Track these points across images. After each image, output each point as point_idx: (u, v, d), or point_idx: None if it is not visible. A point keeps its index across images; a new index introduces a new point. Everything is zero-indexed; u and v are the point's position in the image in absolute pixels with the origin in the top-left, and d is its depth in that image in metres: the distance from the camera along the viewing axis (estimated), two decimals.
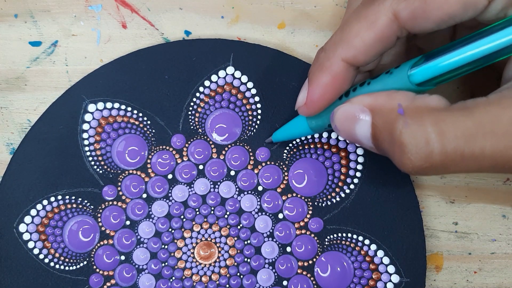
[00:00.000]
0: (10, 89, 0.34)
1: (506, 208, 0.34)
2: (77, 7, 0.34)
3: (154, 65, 0.33)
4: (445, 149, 0.23)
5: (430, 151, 0.23)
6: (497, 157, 0.22)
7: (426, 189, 0.34)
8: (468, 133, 0.22)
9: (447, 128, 0.23)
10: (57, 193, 0.32)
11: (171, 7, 0.34)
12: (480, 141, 0.22)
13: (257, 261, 0.33)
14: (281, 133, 0.32)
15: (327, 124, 0.29)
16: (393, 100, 0.24)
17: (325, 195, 0.33)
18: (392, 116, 0.24)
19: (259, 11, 0.34)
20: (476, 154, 0.23)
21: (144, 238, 0.33)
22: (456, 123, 0.23)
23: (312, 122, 0.30)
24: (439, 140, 0.23)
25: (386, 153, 0.25)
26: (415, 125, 0.23)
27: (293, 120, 0.31)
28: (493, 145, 0.22)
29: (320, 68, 0.27)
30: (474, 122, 0.22)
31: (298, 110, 0.29)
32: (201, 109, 0.33)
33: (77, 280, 0.32)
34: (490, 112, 0.23)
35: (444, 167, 0.23)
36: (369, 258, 0.32)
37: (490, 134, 0.22)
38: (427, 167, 0.23)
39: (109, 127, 0.33)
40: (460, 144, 0.22)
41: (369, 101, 0.25)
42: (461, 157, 0.23)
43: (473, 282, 0.34)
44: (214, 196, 0.33)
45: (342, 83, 0.27)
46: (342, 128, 0.26)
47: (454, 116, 0.23)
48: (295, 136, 0.32)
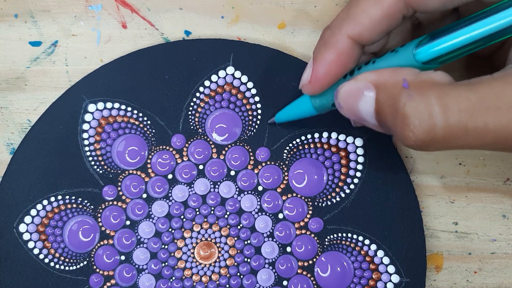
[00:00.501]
0: (10, 89, 0.34)
1: (506, 208, 0.34)
2: (77, 7, 0.34)
3: (154, 65, 0.33)
4: (448, 123, 0.23)
5: (433, 124, 0.23)
6: (500, 132, 0.22)
7: (426, 189, 0.34)
8: (471, 107, 0.22)
9: (451, 102, 0.22)
10: (57, 193, 0.32)
11: (171, 7, 0.34)
12: (483, 115, 0.22)
13: (257, 261, 0.33)
14: (284, 114, 0.32)
15: (331, 104, 0.29)
16: (398, 75, 0.24)
17: (325, 195, 0.33)
18: (396, 90, 0.24)
19: (259, 11, 0.34)
20: (479, 128, 0.22)
21: (144, 238, 0.33)
22: (460, 97, 0.22)
23: (316, 101, 0.29)
24: (442, 113, 0.23)
25: (388, 129, 0.25)
26: (419, 98, 0.23)
27: (297, 100, 0.31)
28: (496, 120, 0.22)
29: (325, 45, 0.27)
30: (478, 97, 0.22)
31: (302, 88, 0.28)
32: (201, 109, 0.33)
33: (77, 280, 0.32)
34: (495, 88, 0.22)
35: (447, 141, 0.23)
36: (369, 258, 0.32)
37: (493, 109, 0.22)
38: (429, 140, 0.23)
39: (109, 127, 0.33)
40: (464, 118, 0.22)
41: (373, 77, 0.25)
42: (464, 131, 0.23)
43: (473, 282, 0.34)
44: (214, 196, 0.33)
45: (347, 60, 0.27)
46: (345, 105, 0.26)
47: (458, 91, 0.23)
48: (298, 116, 0.31)
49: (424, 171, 0.34)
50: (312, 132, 0.33)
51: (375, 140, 0.33)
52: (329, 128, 0.33)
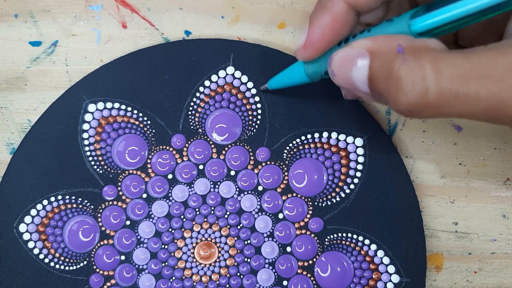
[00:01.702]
0: (10, 89, 0.34)
1: (506, 208, 0.34)
2: (77, 7, 0.34)
3: (154, 65, 0.33)
4: (440, 88, 0.23)
5: (425, 89, 0.23)
6: (490, 101, 0.22)
7: (426, 189, 0.34)
8: (464, 74, 0.22)
9: (444, 67, 0.23)
10: (57, 193, 0.32)
11: (171, 7, 0.34)
12: (475, 83, 0.22)
13: (257, 261, 0.33)
14: (277, 80, 0.32)
15: (323, 71, 0.29)
16: (393, 41, 0.24)
17: (325, 195, 0.33)
18: (390, 56, 0.24)
19: (259, 11, 0.34)
20: (470, 96, 0.23)
21: (144, 238, 0.33)
22: (453, 64, 0.23)
23: (309, 68, 0.29)
24: (435, 78, 0.23)
25: (380, 96, 0.25)
26: (414, 62, 0.23)
27: (290, 67, 0.31)
28: (487, 88, 0.22)
29: (321, 9, 0.27)
30: (470, 65, 0.23)
31: (296, 53, 0.28)
32: (201, 109, 0.33)
33: (77, 280, 0.32)
34: (488, 56, 0.23)
35: (438, 107, 0.23)
36: (369, 258, 0.32)
37: (485, 77, 0.22)
38: (421, 105, 0.23)
39: (109, 127, 0.33)
40: (456, 84, 0.22)
41: (368, 43, 0.25)
42: (455, 97, 0.23)
43: (473, 282, 0.34)
44: (214, 196, 0.33)
45: (342, 26, 0.27)
46: (339, 73, 0.26)
47: (452, 57, 0.23)
48: (291, 83, 0.31)
49: (424, 171, 0.34)
50: (312, 132, 0.33)
51: (375, 140, 0.33)
52: (329, 128, 0.33)
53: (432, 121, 0.34)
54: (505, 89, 0.22)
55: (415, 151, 0.34)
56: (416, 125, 0.34)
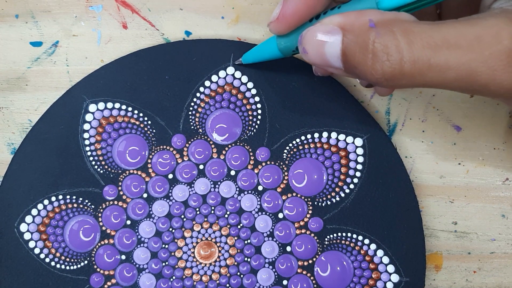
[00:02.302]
0: (11, 89, 0.34)
1: (506, 208, 0.34)
2: (77, 7, 0.34)
3: (154, 65, 0.33)
4: (413, 57, 0.23)
5: (400, 58, 0.23)
6: (460, 70, 0.23)
7: (425, 189, 0.34)
8: (434, 44, 0.23)
9: (414, 37, 0.23)
10: (58, 193, 0.33)
11: (171, 8, 0.34)
12: (445, 53, 0.23)
13: (257, 261, 0.33)
14: (251, 54, 0.32)
15: (295, 47, 0.29)
16: (364, 16, 0.25)
17: (325, 195, 0.33)
18: (363, 30, 0.24)
19: (259, 12, 0.34)
20: (441, 65, 0.23)
21: (145, 238, 0.33)
22: (424, 34, 0.23)
23: (281, 43, 0.29)
24: (408, 48, 0.23)
25: (355, 69, 0.25)
26: (387, 35, 0.24)
27: (264, 42, 0.31)
28: (457, 57, 0.23)
29: None
30: (440, 35, 0.23)
31: (269, 26, 0.29)
32: (202, 109, 0.33)
33: (77, 279, 0.32)
34: (457, 28, 0.23)
35: (412, 76, 0.24)
36: (368, 257, 0.33)
37: (455, 47, 0.23)
38: (397, 73, 0.24)
39: (110, 127, 0.33)
40: (427, 54, 0.23)
41: (339, 19, 0.25)
42: (428, 67, 0.23)
43: (473, 281, 0.34)
44: (215, 196, 0.33)
45: (316, 1, 0.27)
46: (311, 49, 0.26)
47: (422, 28, 0.24)
48: (264, 57, 0.31)
49: (424, 171, 0.34)
50: (312, 132, 0.33)
51: (375, 140, 0.33)
52: (329, 128, 0.33)
53: (431, 121, 0.34)
54: (473, 58, 0.23)
55: (414, 151, 0.34)
56: (415, 125, 0.34)
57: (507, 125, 0.34)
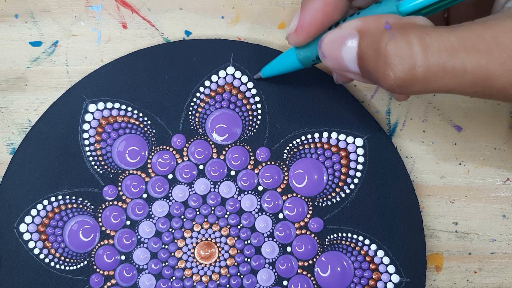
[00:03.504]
0: (11, 89, 0.34)
1: (506, 208, 0.34)
2: (77, 7, 0.34)
3: (154, 65, 0.33)
4: (427, 62, 0.23)
5: (413, 63, 0.23)
6: (477, 73, 0.23)
7: (426, 189, 0.34)
8: (451, 47, 0.23)
9: (430, 41, 0.23)
10: (57, 193, 0.32)
11: (171, 7, 0.34)
12: (462, 56, 0.23)
13: (257, 261, 0.33)
14: (270, 68, 0.32)
15: (315, 56, 0.29)
16: (381, 20, 0.24)
17: (325, 195, 0.33)
18: (378, 33, 0.24)
19: (259, 11, 0.34)
20: (457, 69, 0.23)
21: (145, 238, 0.33)
22: (440, 38, 0.23)
23: (301, 53, 0.29)
24: (422, 52, 0.23)
25: (370, 74, 0.25)
26: (401, 38, 0.23)
27: (282, 54, 0.31)
28: (474, 60, 0.23)
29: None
30: (457, 38, 0.23)
31: (288, 38, 0.29)
32: (201, 109, 0.33)
33: (77, 280, 0.32)
34: (474, 30, 0.23)
35: (426, 81, 0.23)
36: (369, 258, 0.32)
37: (472, 50, 0.23)
38: (409, 79, 0.23)
39: (110, 127, 0.33)
40: (443, 57, 0.23)
41: (357, 23, 0.25)
42: (443, 71, 0.23)
43: (473, 282, 0.34)
44: (215, 196, 0.33)
45: (334, 10, 0.27)
46: (329, 54, 0.26)
47: (438, 32, 0.23)
48: (283, 70, 0.31)
49: (424, 171, 0.34)
50: (312, 132, 0.33)
51: (375, 140, 0.33)
52: (329, 128, 0.33)
53: (432, 121, 0.34)
54: (491, 61, 0.22)
55: (415, 151, 0.34)
56: (416, 125, 0.34)
57: (508, 125, 0.34)
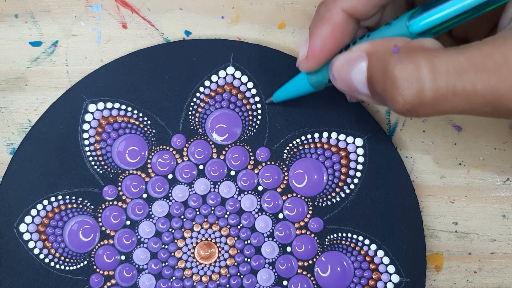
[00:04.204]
0: (11, 89, 0.34)
1: (506, 208, 0.34)
2: (77, 7, 0.34)
3: (154, 65, 0.33)
4: (436, 85, 0.22)
5: (421, 86, 0.23)
6: (488, 94, 0.22)
7: (426, 189, 0.34)
8: (460, 68, 0.22)
9: (439, 63, 0.23)
10: (57, 193, 0.32)
11: (171, 7, 0.34)
12: (472, 76, 0.22)
13: (257, 261, 0.33)
14: (282, 92, 0.32)
15: (327, 79, 0.29)
16: (390, 43, 0.24)
17: (325, 195, 0.33)
18: (387, 55, 0.24)
19: (259, 11, 0.34)
20: (467, 90, 0.22)
21: (145, 238, 0.33)
22: (448, 59, 0.23)
23: (313, 78, 0.29)
24: (431, 75, 0.23)
25: (379, 97, 0.25)
26: (408, 61, 0.23)
27: (294, 78, 0.31)
28: (484, 81, 0.22)
29: (321, 20, 0.27)
30: (466, 59, 0.22)
31: (299, 65, 0.28)
32: (201, 109, 0.33)
33: (77, 280, 0.32)
34: (483, 50, 0.23)
35: (435, 104, 0.23)
36: (369, 258, 0.32)
37: (481, 70, 0.22)
38: (418, 103, 0.23)
39: (110, 127, 0.33)
40: (452, 79, 0.22)
41: (366, 46, 0.25)
42: (452, 93, 0.22)
43: (473, 282, 0.34)
44: (214, 196, 0.33)
45: (343, 35, 0.27)
46: (339, 76, 0.26)
47: (447, 54, 0.23)
48: (296, 94, 0.31)
49: (424, 171, 0.34)
50: (312, 132, 0.33)
51: (375, 140, 0.33)
52: (329, 128, 0.33)
53: (432, 121, 0.34)
54: (502, 81, 0.22)
55: (415, 151, 0.34)
56: (416, 125, 0.34)
57: (508, 125, 0.34)
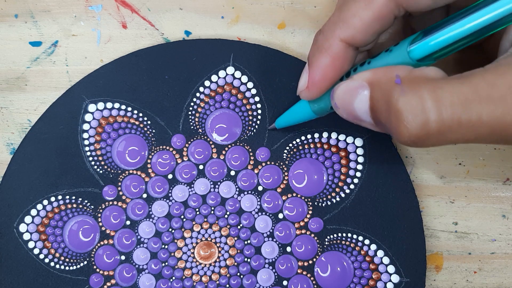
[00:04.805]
0: (11, 89, 0.34)
1: (506, 208, 0.34)
2: (77, 7, 0.34)
3: (154, 65, 0.33)
4: (441, 116, 0.22)
5: (426, 119, 0.22)
6: (494, 124, 0.22)
7: (426, 189, 0.34)
8: (464, 99, 0.22)
9: (443, 94, 0.22)
10: (57, 193, 0.32)
11: (171, 7, 0.34)
12: (477, 107, 0.22)
13: (257, 261, 0.33)
14: (284, 119, 0.32)
15: (329, 107, 0.29)
16: (391, 72, 0.24)
17: (325, 195, 0.33)
18: (389, 86, 0.24)
19: (259, 11, 0.34)
20: (473, 121, 0.22)
21: (144, 238, 0.33)
22: (453, 90, 0.22)
23: (315, 106, 0.29)
24: (435, 106, 0.22)
25: (383, 126, 0.25)
26: (412, 93, 0.23)
27: (296, 105, 0.31)
28: (490, 111, 0.22)
29: (319, 49, 0.27)
30: (470, 88, 0.22)
31: (300, 94, 0.29)
32: (201, 109, 0.33)
33: (77, 280, 0.32)
34: (487, 79, 0.22)
35: (441, 135, 0.23)
36: (369, 258, 0.32)
37: (486, 100, 0.22)
38: (423, 135, 0.23)
39: (109, 127, 0.33)
40: (457, 110, 0.22)
41: (368, 75, 0.25)
42: (458, 124, 0.22)
43: (473, 282, 0.34)
44: (214, 196, 0.33)
45: (342, 63, 0.27)
46: (341, 105, 0.26)
47: (451, 84, 0.23)
48: (298, 120, 0.31)
49: (424, 171, 0.34)
50: (312, 132, 0.33)
51: (375, 140, 0.33)
52: (329, 128, 0.33)
53: None
54: (508, 110, 0.22)
55: (415, 151, 0.34)
56: None
57: None
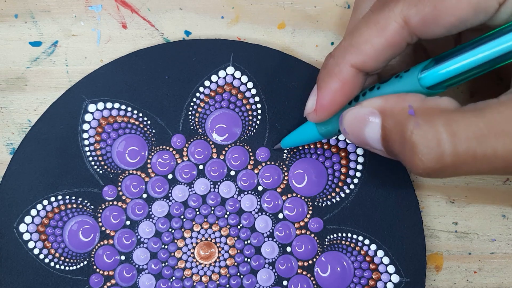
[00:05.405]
0: (10, 89, 0.34)
1: (506, 208, 0.34)
2: (77, 7, 0.34)
3: (154, 65, 0.33)
4: (456, 150, 0.22)
5: (441, 152, 0.23)
6: (509, 158, 0.22)
7: (426, 189, 0.34)
8: (480, 133, 0.22)
9: (458, 128, 0.22)
10: (57, 193, 0.32)
11: (171, 7, 0.34)
12: (492, 141, 0.22)
13: (257, 261, 0.33)
14: (290, 140, 0.32)
15: (337, 130, 0.29)
16: (404, 101, 0.24)
17: (325, 195, 0.33)
18: (402, 117, 0.24)
19: (259, 11, 0.34)
20: (488, 155, 0.22)
21: (144, 238, 0.33)
22: (467, 124, 0.22)
23: (322, 128, 0.29)
24: (450, 140, 0.22)
25: (396, 156, 0.25)
26: (426, 126, 0.23)
27: (302, 126, 0.31)
28: (505, 145, 0.22)
29: (329, 74, 0.27)
30: (485, 123, 0.22)
31: (308, 116, 0.28)
32: (201, 109, 0.33)
33: (77, 280, 0.32)
34: (502, 113, 0.22)
35: (456, 168, 0.23)
36: (369, 258, 0.32)
37: (502, 134, 0.22)
38: (438, 168, 0.23)
39: (109, 127, 0.33)
40: (472, 145, 0.22)
41: (379, 103, 0.25)
42: (473, 158, 0.22)
43: (473, 282, 0.34)
44: (214, 196, 0.33)
45: (352, 88, 0.27)
46: (351, 131, 0.26)
47: (465, 117, 0.23)
48: (304, 142, 0.31)
49: None
50: None
51: None
52: None
53: None
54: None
55: None
56: None
57: None
